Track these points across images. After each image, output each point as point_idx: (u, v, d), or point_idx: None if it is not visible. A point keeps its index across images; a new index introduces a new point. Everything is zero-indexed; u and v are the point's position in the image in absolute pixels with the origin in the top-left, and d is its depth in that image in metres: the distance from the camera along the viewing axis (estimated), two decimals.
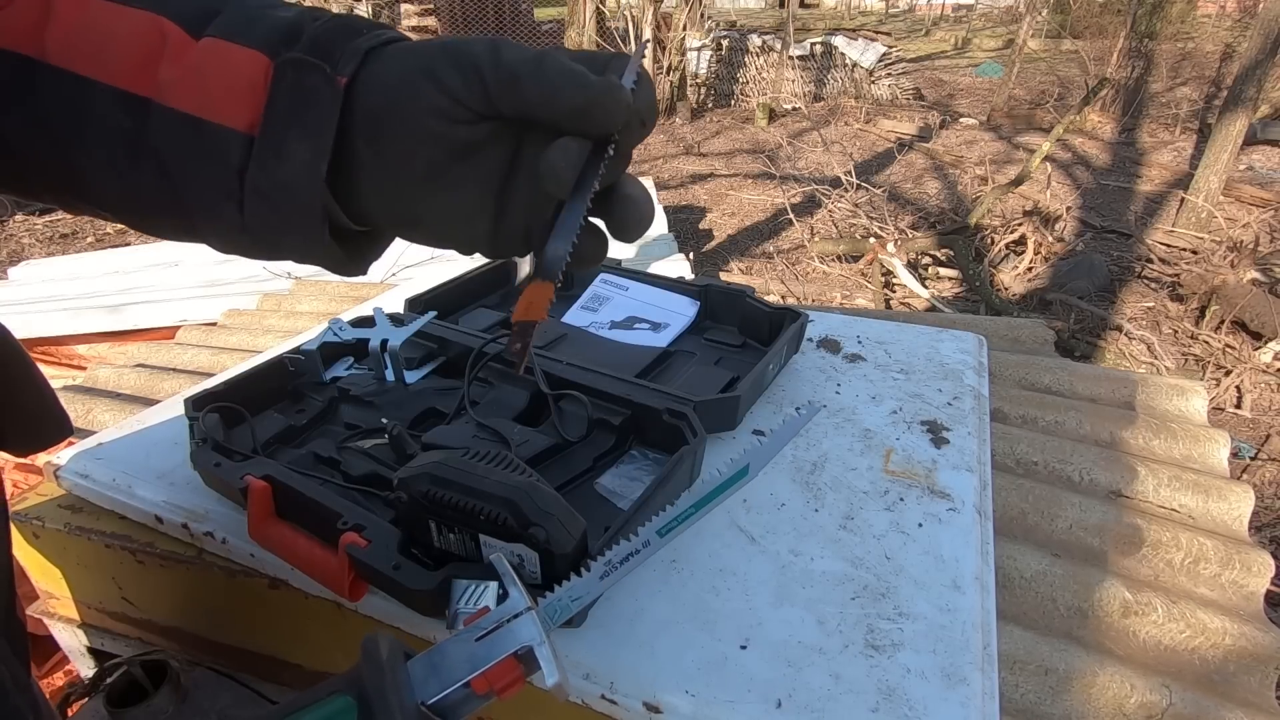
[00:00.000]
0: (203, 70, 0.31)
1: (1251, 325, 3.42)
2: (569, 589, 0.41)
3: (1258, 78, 4.50)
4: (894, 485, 0.67)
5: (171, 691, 0.67)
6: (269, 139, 0.31)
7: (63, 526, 0.70)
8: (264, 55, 0.32)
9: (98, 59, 0.31)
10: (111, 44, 0.32)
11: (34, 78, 0.32)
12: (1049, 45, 10.40)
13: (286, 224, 0.33)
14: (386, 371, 0.77)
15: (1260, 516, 2.45)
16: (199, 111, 0.31)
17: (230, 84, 0.31)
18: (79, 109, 0.32)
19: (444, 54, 0.32)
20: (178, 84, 0.31)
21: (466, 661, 0.36)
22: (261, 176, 0.32)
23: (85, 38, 0.32)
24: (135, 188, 0.34)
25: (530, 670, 0.37)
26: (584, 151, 0.32)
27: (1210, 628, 0.63)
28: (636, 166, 6.13)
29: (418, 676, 0.35)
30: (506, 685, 0.36)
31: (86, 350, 1.74)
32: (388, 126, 0.32)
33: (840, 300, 3.98)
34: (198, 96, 0.31)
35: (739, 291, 0.90)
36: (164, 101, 0.31)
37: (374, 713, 0.33)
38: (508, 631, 0.37)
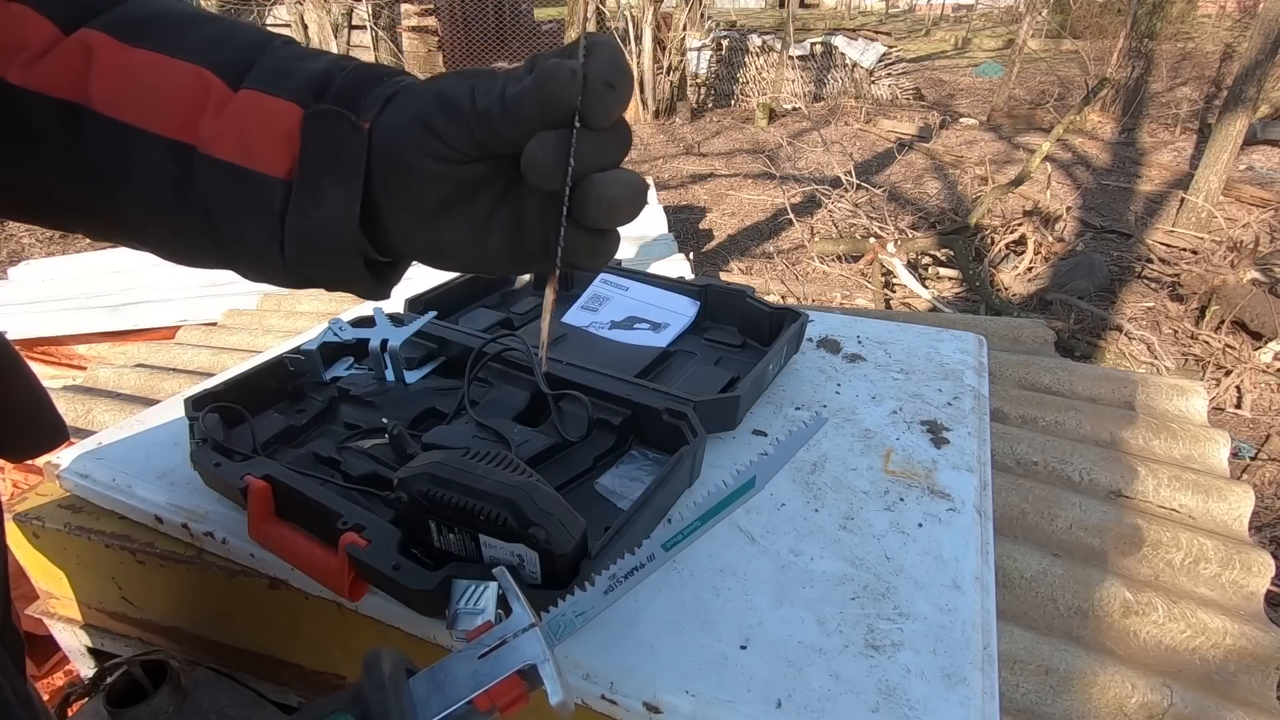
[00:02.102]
0: (243, 122, 0.33)
1: (1251, 325, 3.42)
2: (573, 604, 0.41)
3: (1258, 78, 4.50)
4: (894, 485, 0.67)
5: (171, 691, 0.67)
6: (306, 185, 0.34)
7: (63, 526, 0.70)
8: (298, 106, 0.34)
9: (144, 109, 0.33)
10: (158, 95, 0.33)
11: (79, 123, 0.33)
12: (1049, 45, 10.40)
13: (325, 262, 0.36)
14: (386, 371, 0.77)
15: (1260, 516, 2.45)
16: (242, 161, 0.33)
17: (269, 135, 0.34)
18: (125, 155, 0.34)
19: (437, 102, 0.33)
20: (221, 136, 0.33)
21: (470, 679, 0.36)
22: (301, 221, 0.34)
23: (131, 88, 0.33)
24: (180, 226, 0.36)
25: (534, 686, 0.37)
26: (559, 135, 0.32)
27: (1210, 628, 0.63)
28: (637, 165, 6.13)
29: (420, 694, 0.35)
30: (510, 703, 0.36)
31: (86, 350, 1.74)
32: (396, 171, 0.34)
33: (840, 300, 3.98)
34: (240, 147, 0.33)
35: (739, 291, 0.90)
36: (208, 151, 0.33)
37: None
38: (511, 649, 0.37)
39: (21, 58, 0.33)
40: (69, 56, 0.33)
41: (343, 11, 7.53)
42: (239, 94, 0.34)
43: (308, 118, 0.34)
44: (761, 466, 0.44)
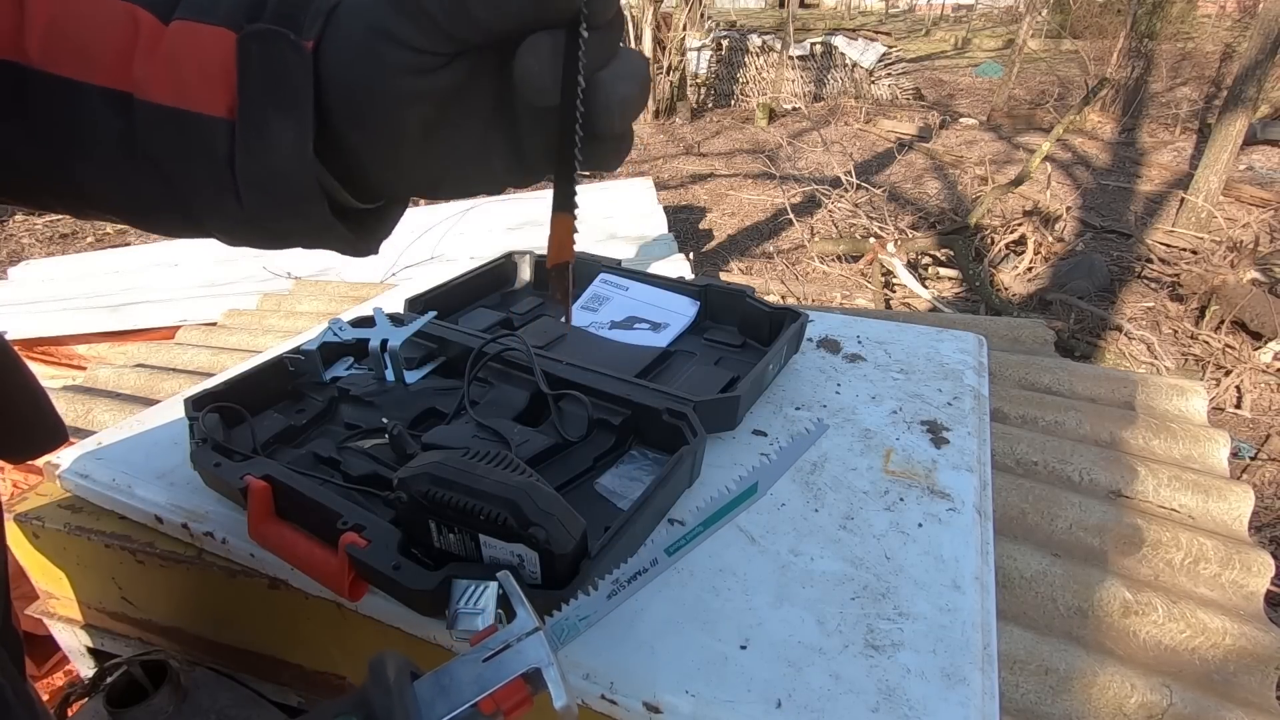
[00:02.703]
0: (176, 58, 0.29)
1: (1251, 325, 3.42)
2: (576, 608, 0.41)
3: (1258, 78, 4.50)
4: (894, 485, 0.67)
5: (171, 691, 0.67)
6: (249, 121, 0.29)
7: (63, 526, 0.70)
8: (231, 32, 0.29)
9: (79, 57, 0.30)
10: (90, 39, 0.30)
11: (25, 85, 0.30)
12: (1049, 45, 10.40)
13: (286, 211, 0.31)
14: (386, 371, 0.77)
15: (1260, 516, 2.45)
16: (177, 102, 0.29)
17: (202, 68, 0.29)
18: (70, 114, 0.30)
19: (390, 7, 0.28)
20: (155, 77, 0.29)
21: (474, 682, 0.36)
22: (250, 163, 0.30)
23: (65, 34, 0.29)
24: (135, 189, 0.32)
25: (538, 690, 0.37)
26: (557, 43, 0.28)
27: (1210, 628, 0.63)
28: (637, 165, 6.13)
29: (425, 697, 0.35)
30: (514, 706, 0.36)
31: (86, 350, 1.74)
32: (365, 102, 0.30)
33: (840, 300, 3.98)
34: (175, 87, 0.29)
35: (739, 291, 0.90)
36: (145, 96, 0.29)
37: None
38: (515, 652, 0.37)
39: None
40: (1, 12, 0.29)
41: None
42: (170, 26, 0.30)
43: (241, 41, 0.29)
44: (764, 472, 0.44)
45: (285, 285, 1.54)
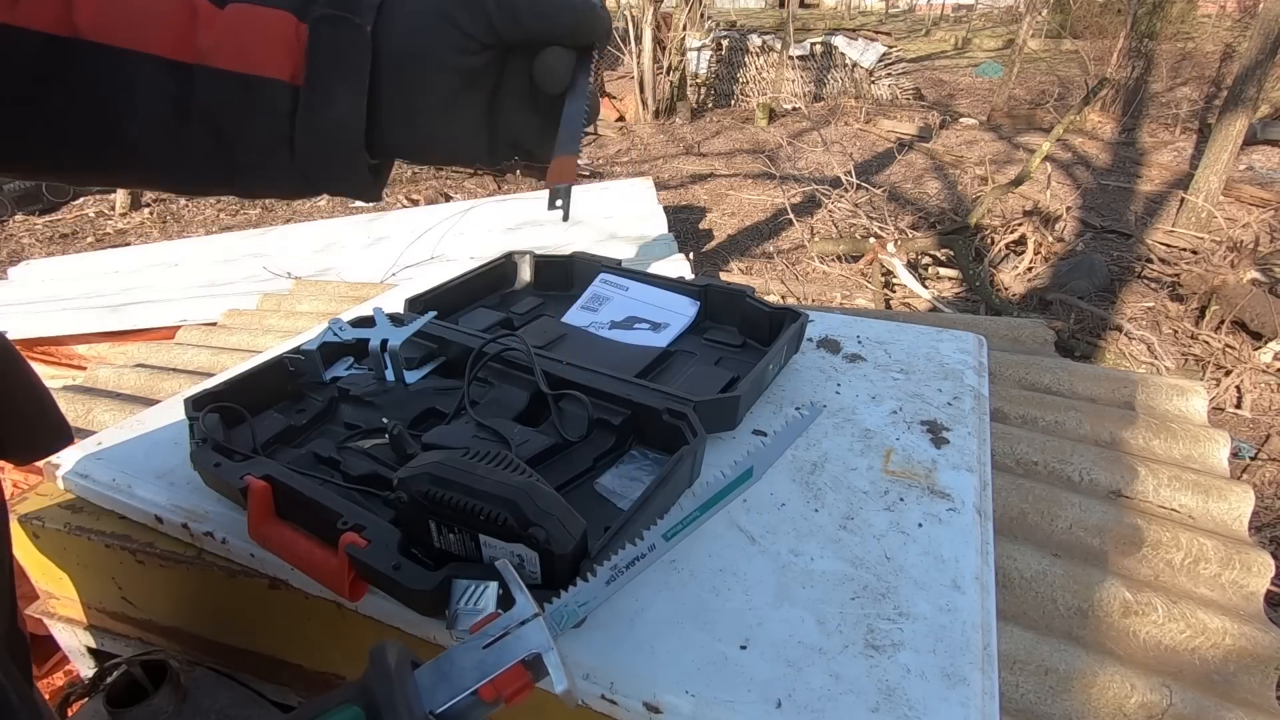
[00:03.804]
0: (240, 33, 0.35)
1: (1251, 325, 3.42)
2: (575, 594, 0.41)
3: (1258, 78, 4.50)
4: (894, 485, 0.67)
5: (171, 691, 0.67)
6: (316, 86, 0.36)
7: (63, 526, 0.70)
8: (291, 15, 0.36)
9: (135, 32, 0.34)
10: (146, 18, 0.34)
11: (70, 56, 0.33)
12: (1049, 45, 10.40)
13: (334, 159, 0.38)
14: (386, 371, 0.77)
15: (1260, 516, 2.45)
16: (245, 69, 0.35)
17: (268, 43, 0.36)
18: (124, 79, 0.34)
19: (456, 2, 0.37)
20: (219, 47, 0.35)
21: (475, 669, 0.36)
22: (313, 119, 0.36)
23: (118, 13, 0.34)
24: (186, 146, 0.37)
25: (539, 676, 0.37)
26: (572, 55, 0.39)
27: (1210, 628, 0.63)
28: (637, 165, 6.13)
29: (426, 684, 0.35)
30: (515, 692, 0.36)
31: (86, 350, 1.74)
32: (412, 64, 0.37)
33: (840, 300, 3.98)
34: (240, 56, 0.35)
35: (739, 291, 0.90)
36: (209, 64, 0.35)
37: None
38: (516, 638, 0.37)
39: None
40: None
41: None
42: (226, 10, 0.36)
43: (315, 24, 0.36)
44: (758, 457, 0.44)
45: (285, 285, 1.54)
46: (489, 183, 5.56)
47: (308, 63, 0.36)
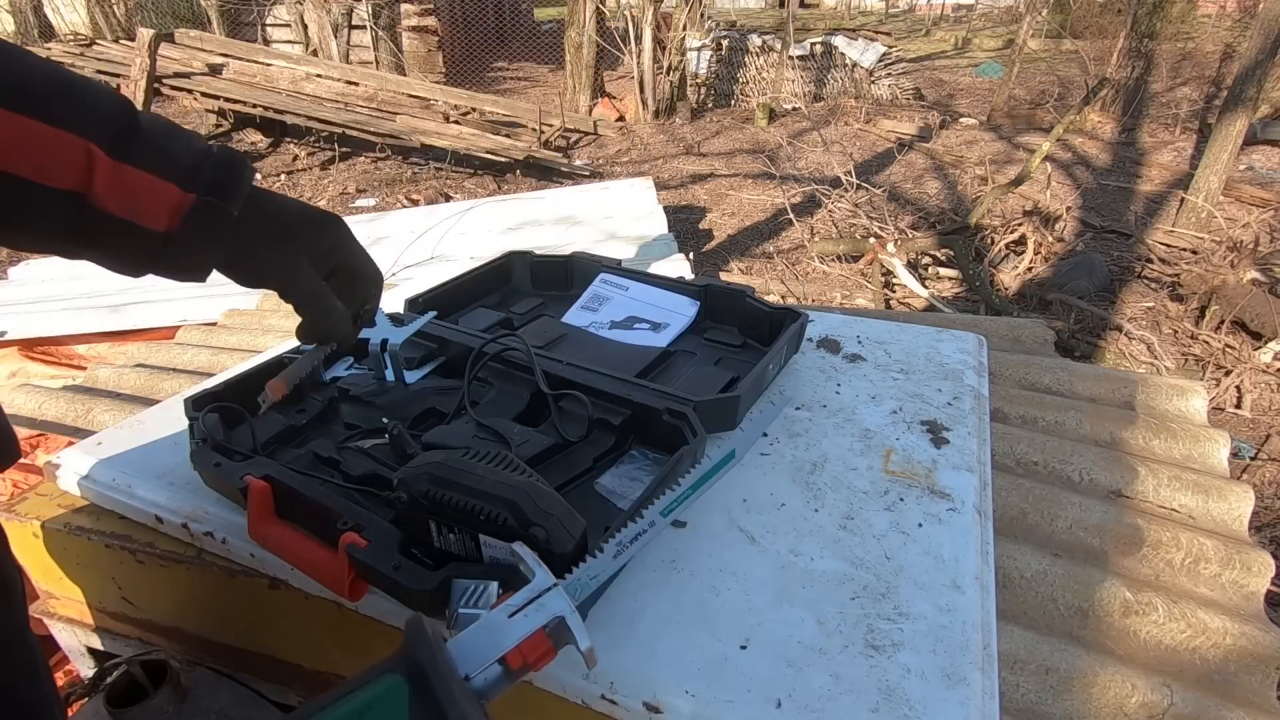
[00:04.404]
0: (133, 192, 0.44)
1: (1251, 325, 3.42)
2: (587, 569, 0.44)
3: (1258, 78, 4.50)
4: (894, 485, 0.67)
5: (171, 691, 0.67)
6: (185, 242, 0.46)
7: (63, 526, 0.70)
8: (176, 186, 0.45)
9: (40, 170, 0.40)
10: (51, 159, 0.41)
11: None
12: (1049, 45, 10.39)
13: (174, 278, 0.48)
14: (386, 371, 0.77)
15: (1260, 516, 2.45)
16: (130, 217, 0.44)
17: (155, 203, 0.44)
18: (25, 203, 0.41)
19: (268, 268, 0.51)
20: (110, 196, 0.43)
21: (502, 637, 0.39)
22: (175, 261, 0.47)
23: (24, 151, 0.40)
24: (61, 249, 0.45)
25: (560, 642, 0.40)
26: None
27: (1211, 627, 0.63)
28: (638, 165, 6.13)
29: (458, 655, 0.37)
30: (540, 657, 0.39)
31: (86, 350, 1.74)
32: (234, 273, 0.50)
33: (840, 300, 3.98)
34: (129, 207, 0.43)
35: (739, 291, 0.90)
36: (101, 206, 0.42)
37: (433, 688, 0.35)
38: (538, 607, 0.40)
39: None
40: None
41: (343, 11, 7.52)
42: (121, 166, 0.43)
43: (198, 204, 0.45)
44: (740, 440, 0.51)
45: None
46: (489, 183, 5.56)
47: (183, 226, 0.45)
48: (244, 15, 8.26)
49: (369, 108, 5.92)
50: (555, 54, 8.50)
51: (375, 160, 5.88)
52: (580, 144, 6.74)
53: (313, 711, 0.34)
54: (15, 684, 0.48)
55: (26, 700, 0.49)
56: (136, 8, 8.38)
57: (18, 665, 0.48)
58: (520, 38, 10.75)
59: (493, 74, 9.60)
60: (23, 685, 0.48)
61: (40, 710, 0.50)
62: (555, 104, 7.02)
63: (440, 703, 0.34)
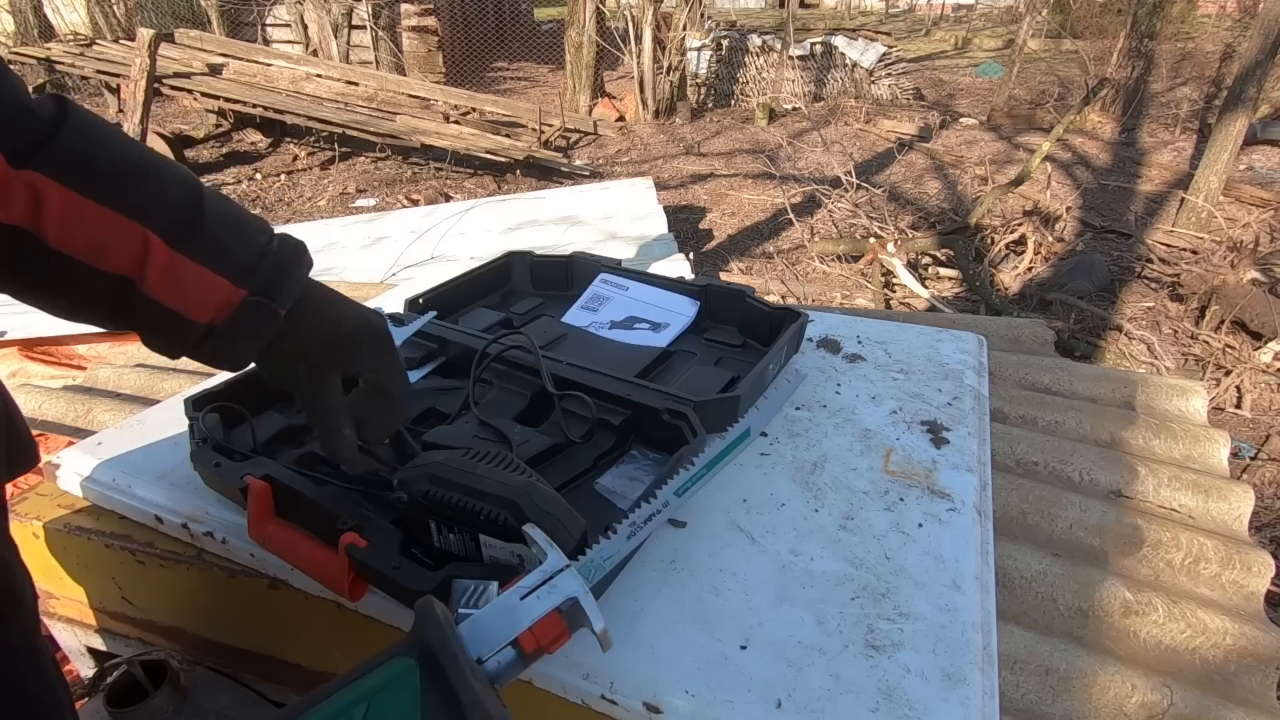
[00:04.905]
0: (184, 283, 0.43)
1: (1251, 325, 3.42)
2: (601, 550, 0.43)
3: (1258, 78, 4.50)
4: (894, 485, 0.67)
5: (171, 691, 0.67)
6: (228, 335, 0.45)
7: (63, 526, 0.70)
8: (229, 282, 0.44)
9: (94, 253, 0.40)
10: (107, 244, 0.41)
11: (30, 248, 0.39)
12: (1049, 45, 10.39)
13: (214, 366, 0.48)
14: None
15: (1260, 516, 2.45)
16: (176, 307, 0.43)
17: (204, 298, 0.44)
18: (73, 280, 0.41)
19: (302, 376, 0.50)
20: (161, 286, 0.42)
21: (515, 619, 0.38)
22: (214, 352, 0.46)
23: (82, 234, 0.40)
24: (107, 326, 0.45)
25: (574, 624, 0.39)
26: None
27: (1211, 628, 0.63)
28: (638, 165, 6.13)
29: (470, 637, 0.37)
30: (553, 640, 0.39)
31: (86, 350, 1.74)
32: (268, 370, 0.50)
33: (840, 300, 3.98)
34: (177, 298, 0.43)
35: (739, 291, 0.90)
36: (147, 293, 0.42)
37: (445, 669, 0.34)
38: (551, 589, 0.40)
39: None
40: (20, 192, 0.38)
41: (343, 11, 7.52)
42: (178, 256, 0.43)
43: (247, 302, 0.45)
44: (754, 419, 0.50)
45: None
46: (489, 183, 5.56)
47: (229, 319, 0.44)
48: (244, 15, 8.26)
49: (369, 108, 5.92)
50: (555, 54, 8.50)
51: (375, 160, 5.88)
52: (580, 144, 6.74)
53: (324, 695, 0.34)
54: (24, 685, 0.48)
55: (36, 701, 0.49)
56: (136, 8, 8.38)
57: (28, 667, 0.49)
58: (520, 38, 10.75)
59: (493, 74, 9.60)
60: (32, 686, 0.49)
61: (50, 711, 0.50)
62: (555, 104, 7.02)
63: (452, 684, 0.34)
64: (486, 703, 0.34)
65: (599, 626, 0.39)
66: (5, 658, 0.47)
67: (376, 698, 0.34)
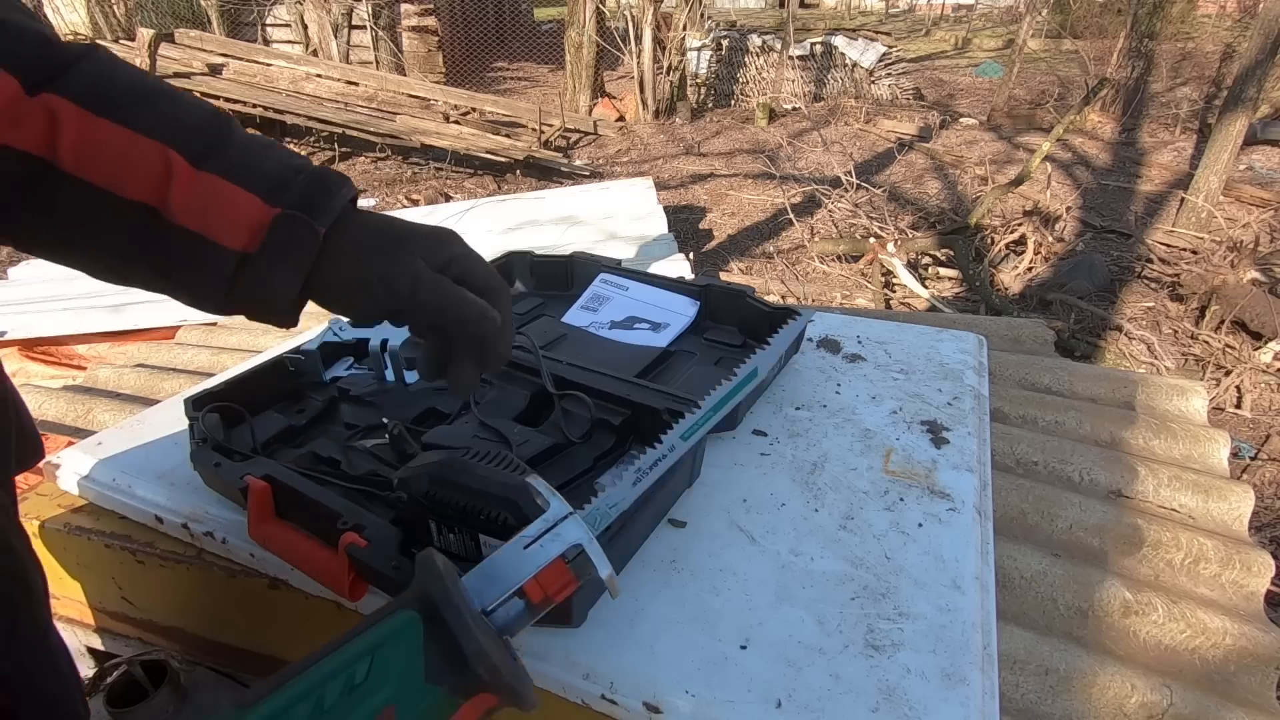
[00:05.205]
0: (210, 202, 0.39)
1: (1251, 325, 3.42)
2: (605, 498, 0.43)
3: (1258, 78, 4.50)
4: (894, 485, 0.67)
5: (171, 691, 0.67)
6: (263, 262, 0.40)
7: (63, 526, 0.70)
8: (259, 199, 0.40)
9: (112, 175, 0.38)
10: (125, 164, 0.38)
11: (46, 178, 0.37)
12: (1049, 45, 10.40)
13: (262, 313, 0.43)
14: (386, 371, 0.77)
15: (1260, 516, 2.45)
16: (204, 232, 0.39)
17: (232, 217, 0.40)
18: (91, 210, 0.38)
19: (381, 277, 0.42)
20: (187, 208, 0.39)
21: (518, 568, 0.38)
22: (254, 285, 0.41)
23: (99, 156, 0.37)
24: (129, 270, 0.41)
25: (581, 573, 0.38)
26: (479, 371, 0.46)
27: (1210, 628, 0.63)
28: (638, 165, 6.13)
29: (474, 589, 0.36)
30: (560, 588, 0.38)
31: (86, 350, 1.74)
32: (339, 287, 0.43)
33: (840, 300, 3.98)
34: (205, 221, 0.39)
35: (739, 291, 0.90)
36: (172, 218, 0.39)
37: (445, 620, 0.34)
38: (554, 536, 0.39)
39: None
40: (36, 117, 0.36)
41: (343, 11, 7.52)
42: (202, 174, 0.39)
43: (279, 217, 0.40)
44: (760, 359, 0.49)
45: None
46: (489, 183, 5.56)
47: (264, 243, 0.40)
48: (244, 15, 8.26)
49: (369, 108, 5.92)
50: (555, 54, 8.50)
51: (375, 160, 5.88)
52: (580, 144, 6.74)
53: (327, 652, 0.34)
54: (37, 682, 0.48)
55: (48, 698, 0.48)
56: (136, 8, 8.38)
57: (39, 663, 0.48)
58: (520, 38, 10.76)
59: (493, 74, 9.60)
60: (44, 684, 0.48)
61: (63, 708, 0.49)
62: (555, 104, 7.02)
63: (455, 636, 0.33)
64: (491, 653, 0.33)
65: (605, 572, 0.38)
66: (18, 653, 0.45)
67: (379, 651, 0.33)
